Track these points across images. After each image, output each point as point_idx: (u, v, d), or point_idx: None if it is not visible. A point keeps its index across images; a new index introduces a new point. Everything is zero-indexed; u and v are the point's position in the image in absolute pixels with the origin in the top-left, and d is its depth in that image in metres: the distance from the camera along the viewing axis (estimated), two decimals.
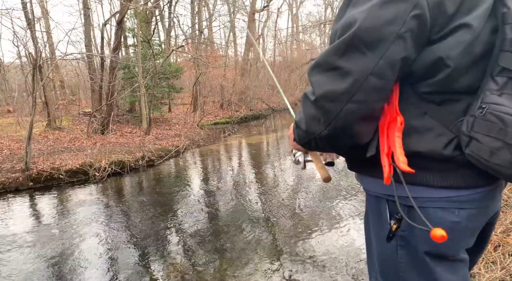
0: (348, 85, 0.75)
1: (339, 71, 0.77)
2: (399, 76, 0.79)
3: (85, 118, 11.68)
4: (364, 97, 0.76)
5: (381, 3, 0.74)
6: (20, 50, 13.14)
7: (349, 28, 0.76)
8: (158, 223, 4.57)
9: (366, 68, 0.74)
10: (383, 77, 0.76)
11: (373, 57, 0.74)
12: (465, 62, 0.77)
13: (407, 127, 0.83)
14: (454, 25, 0.76)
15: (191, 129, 11.46)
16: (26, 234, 4.41)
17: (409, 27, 0.73)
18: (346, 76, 0.76)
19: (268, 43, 25.84)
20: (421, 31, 0.75)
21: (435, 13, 0.74)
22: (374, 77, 0.75)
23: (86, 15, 11.81)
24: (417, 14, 0.73)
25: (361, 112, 0.78)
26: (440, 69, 0.78)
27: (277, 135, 11.38)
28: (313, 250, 3.60)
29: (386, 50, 0.74)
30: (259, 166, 7.60)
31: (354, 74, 0.75)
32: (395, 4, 0.73)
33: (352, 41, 0.75)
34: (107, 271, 3.44)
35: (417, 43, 0.76)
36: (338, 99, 0.77)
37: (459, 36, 0.76)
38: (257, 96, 15.91)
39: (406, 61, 0.77)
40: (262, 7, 20.10)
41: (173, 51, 13.84)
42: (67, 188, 6.31)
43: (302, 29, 25.88)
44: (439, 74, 0.79)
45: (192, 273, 3.34)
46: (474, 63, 0.78)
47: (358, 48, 0.75)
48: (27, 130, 6.59)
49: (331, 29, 0.85)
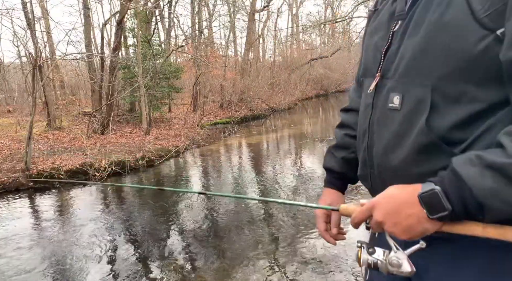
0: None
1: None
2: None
3: (85, 118, 11.67)
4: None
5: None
6: (20, 50, 13.20)
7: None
8: (158, 223, 4.57)
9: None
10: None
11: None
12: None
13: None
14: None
15: (191, 129, 11.46)
16: (26, 234, 4.40)
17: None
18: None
19: (268, 43, 25.83)
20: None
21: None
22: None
23: (86, 15, 11.80)
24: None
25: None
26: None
27: (277, 135, 11.38)
28: (313, 250, 3.59)
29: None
30: (259, 166, 7.60)
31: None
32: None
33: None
34: (107, 271, 3.44)
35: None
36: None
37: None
38: (257, 96, 15.90)
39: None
40: (262, 7, 20.10)
41: (173, 51, 13.84)
42: (67, 188, 6.30)
43: (302, 29, 25.89)
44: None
45: (192, 273, 3.34)
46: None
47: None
48: (27, 130, 6.58)
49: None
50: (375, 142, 0.83)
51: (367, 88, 0.86)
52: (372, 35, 0.89)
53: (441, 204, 0.62)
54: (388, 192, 0.69)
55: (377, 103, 0.82)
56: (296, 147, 9.55)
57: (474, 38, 0.64)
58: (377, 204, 0.70)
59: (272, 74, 19.13)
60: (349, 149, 1.04)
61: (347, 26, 26.10)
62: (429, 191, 0.63)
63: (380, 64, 0.82)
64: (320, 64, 22.65)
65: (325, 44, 29.44)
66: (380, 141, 0.81)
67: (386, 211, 0.67)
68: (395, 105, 0.76)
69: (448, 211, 0.61)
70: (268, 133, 11.83)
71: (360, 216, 0.74)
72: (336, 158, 1.06)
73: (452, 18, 0.66)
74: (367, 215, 0.72)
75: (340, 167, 1.05)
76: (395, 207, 0.66)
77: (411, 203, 0.65)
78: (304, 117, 15.15)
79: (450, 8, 0.67)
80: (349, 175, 1.04)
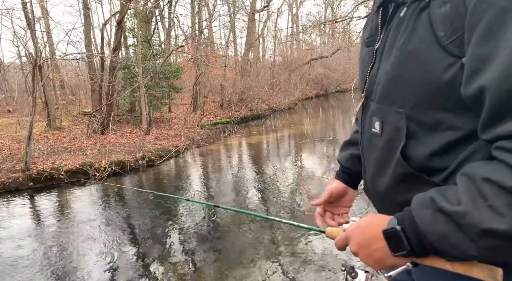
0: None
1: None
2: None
3: (85, 118, 11.68)
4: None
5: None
6: (20, 50, 13.17)
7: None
8: (158, 223, 4.57)
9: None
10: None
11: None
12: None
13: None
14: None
15: (191, 129, 11.46)
16: (26, 234, 4.40)
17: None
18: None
19: (268, 43, 25.84)
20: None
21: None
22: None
23: (86, 15, 11.80)
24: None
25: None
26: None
27: (277, 135, 11.38)
28: (313, 250, 3.60)
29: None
30: (259, 166, 7.60)
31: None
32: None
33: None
34: (107, 271, 3.44)
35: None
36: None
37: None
38: (257, 96, 15.90)
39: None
40: (262, 7, 20.11)
41: (173, 51, 13.84)
42: (67, 188, 6.31)
43: (302, 29, 25.88)
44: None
45: (191, 273, 3.34)
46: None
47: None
48: (27, 130, 6.58)
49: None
50: (365, 165, 0.83)
51: (357, 107, 0.85)
52: (362, 49, 0.86)
53: (401, 243, 0.60)
54: (363, 222, 0.69)
55: (364, 127, 0.82)
56: (296, 147, 9.55)
57: (441, 66, 0.60)
58: (351, 235, 0.70)
59: (272, 74, 19.13)
60: (357, 145, 1.00)
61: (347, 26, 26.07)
62: (391, 229, 0.62)
63: (365, 84, 0.80)
64: (320, 64, 22.64)
65: (325, 44, 29.44)
66: (369, 165, 0.81)
67: (358, 243, 0.68)
68: (376, 131, 0.75)
69: (407, 251, 0.60)
70: (268, 133, 11.83)
71: (339, 244, 0.75)
72: (345, 152, 1.07)
73: (417, 45, 0.64)
74: (345, 244, 0.73)
75: (346, 162, 1.06)
76: (365, 239, 0.67)
77: (378, 238, 0.64)
78: (304, 117, 15.14)
79: (414, 35, 0.64)
80: (357, 170, 1.02)
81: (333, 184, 1.06)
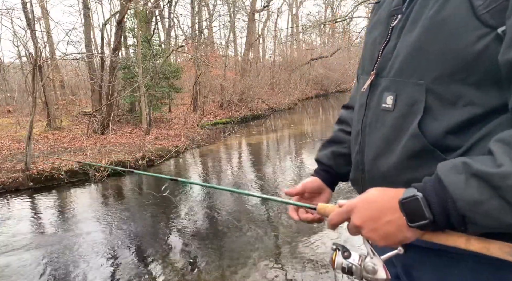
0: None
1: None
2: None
3: (85, 118, 11.68)
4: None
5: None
6: (20, 50, 13.16)
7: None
8: (158, 223, 4.57)
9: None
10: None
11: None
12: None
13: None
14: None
15: (191, 129, 11.46)
16: (26, 234, 4.40)
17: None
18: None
19: (268, 43, 25.84)
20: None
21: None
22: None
23: (86, 15, 11.80)
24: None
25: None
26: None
27: (277, 135, 11.38)
28: (313, 250, 3.60)
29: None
30: (259, 166, 7.60)
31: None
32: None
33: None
34: (107, 271, 3.44)
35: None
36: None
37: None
38: (257, 96, 15.90)
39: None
40: (262, 7, 20.10)
41: (173, 51, 13.84)
42: (67, 188, 6.31)
43: (302, 29, 25.89)
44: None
45: (191, 272, 3.34)
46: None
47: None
48: (27, 130, 6.58)
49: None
50: (365, 147, 0.80)
51: (362, 87, 0.82)
52: (372, 30, 0.85)
53: (422, 212, 0.58)
54: (369, 195, 0.66)
55: (370, 104, 0.79)
56: (296, 147, 9.55)
57: (473, 36, 0.59)
58: (356, 207, 0.66)
59: (272, 74, 19.13)
60: (341, 144, 1.00)
61: (347, 26, 26.09)
62: (410, 197, 0.59)
63: (376, 62, 0.78)
64: (320, 64, 22.65)
65: (325, 44, 29.45)
66: (371, 144, 0.78)
67: (365, 216, 0.64)
68: (388, 106, 0.72)
69: (429, 220, 0.57)
70: (268, 133, 11.83)
71: (337, 218, 0.70)
72: (327, 150, 1.02)
73: (450, 14, 0.62)
74: (345, 218, 0.68)
75: (327, 160, 1.01)
76: (374, 212, 0.63)
77: (391, 209, 0.61)
78: (304, 117, 15.15)
79: (448, 3, 0.63)
80: (338, 169, 0.99)
81: (309, 179, 1.01)
